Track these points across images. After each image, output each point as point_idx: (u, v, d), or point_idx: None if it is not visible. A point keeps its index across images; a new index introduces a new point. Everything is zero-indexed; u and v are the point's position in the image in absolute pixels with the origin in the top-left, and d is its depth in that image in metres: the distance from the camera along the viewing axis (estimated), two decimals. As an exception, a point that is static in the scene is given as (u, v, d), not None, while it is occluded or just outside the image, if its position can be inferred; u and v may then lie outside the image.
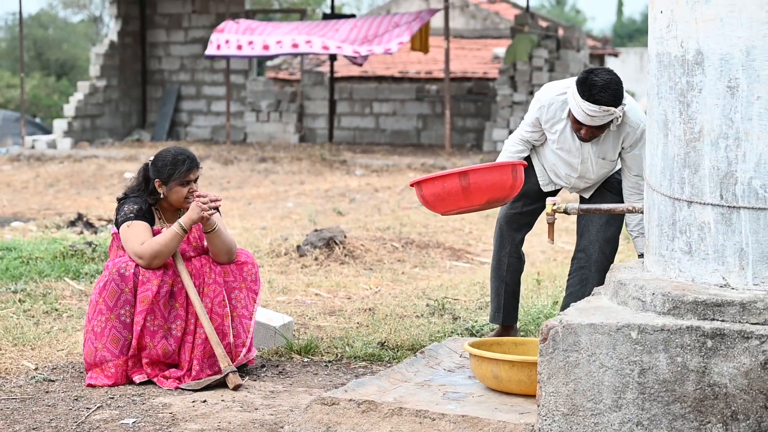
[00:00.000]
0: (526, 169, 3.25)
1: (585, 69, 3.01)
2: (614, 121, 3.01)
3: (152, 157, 3.17)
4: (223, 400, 2.89)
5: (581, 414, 2.21)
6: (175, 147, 3.19)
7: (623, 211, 2.79)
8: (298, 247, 5.30)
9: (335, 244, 5.27)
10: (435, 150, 12.16)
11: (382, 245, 5.52)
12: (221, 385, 3.01)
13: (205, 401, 2.88)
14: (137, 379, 3.05)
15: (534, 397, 2.47)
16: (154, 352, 3.05)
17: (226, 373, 3.00)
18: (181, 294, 3.09)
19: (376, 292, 4.54)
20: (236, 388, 2.99)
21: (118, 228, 3.13)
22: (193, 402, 2.88)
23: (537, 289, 4.50)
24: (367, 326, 3.81)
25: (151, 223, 3.13)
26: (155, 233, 3.10)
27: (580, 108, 2.97)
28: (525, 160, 3.26)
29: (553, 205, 2.75)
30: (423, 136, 13.43)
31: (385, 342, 3.53)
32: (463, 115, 13.27)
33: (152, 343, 3.04)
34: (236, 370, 3.04)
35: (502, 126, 11.96)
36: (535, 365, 2.49)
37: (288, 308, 4.16)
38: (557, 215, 2.78)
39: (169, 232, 3.06)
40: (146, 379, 3.06)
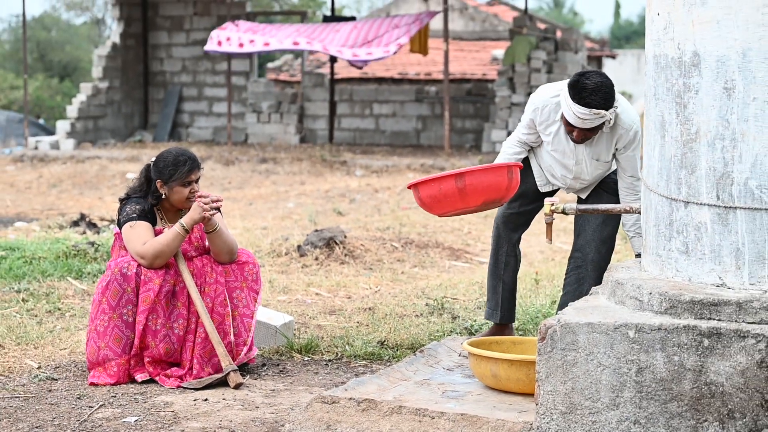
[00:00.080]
0: (523, 170, 3.28)
1: (577, 72, 3.03)
2: (606, 123, 3.03)
3: (154, 158, 3.19)
4: (224, 399, 2.91)
5: (579, 412, 2.23)
6: (176, 148, 3.21)
7: (621, 212, 2.81)
8: (299, 247, 5.32)
9: (335, 244, 5.29)
10: (434, 151, 12.18)
11: (381, 245, 5.54)
12: (222, 383, 3.03)
13: (206, 400, 2.90)
14: (139, 377, 3.07)
15: (532, 395, 2.49)
16: (156, 351, 3.07)
17: (227, 372, 3.02)
18: (182, 293, 3.11)
19: (375, 292, 4.56)
20: (237, 387, 3.01)
21: (120, 228, 3.15)
22: (195, 400, 2.89)
23: (535, 288, 4.51)
24: (367, 325, 3.83)
25: (153, 224, 3.15)
26: (157, 233, 3.12)
27: (571, 111, 2.99)
28: (523, 161, 3.29)
29: (552, 205, 2.77)
30: (422, 137, 13.45)
31: (384, 341, 3.55)
32: (462, 116, 13.29)
33: (154, 342, 3.06)
34: (237, 368, 3.06)
35: (501, 127, 11.98)
36: (534, 364, 2.51)
37: (288, 307, 4.18)
38: (555, 215, 2.80)
39: (170, 232, 3.08)
40: (148, 378, 3.07)
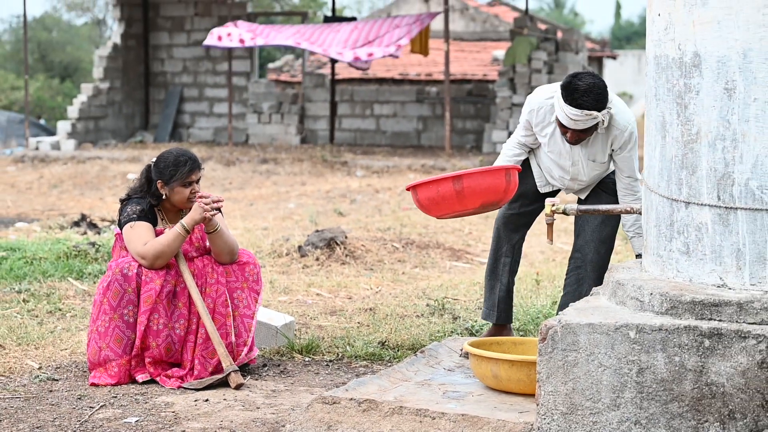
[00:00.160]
0: (523, 171, 3.28)
1: (570, 73, 3.03)
2: (600, 124, 3.03)
3: (154, 159, 3.19)
4: (225, 399, 2.91)
5: (580, 413, 2.23)
6: (177, 148, 3.21)
7: (622, 212, 2.81)
8: (300, 247, 5.33)
9: (336, 244, 5.29)
10: (435, 151, 12.18)
11: (382, 246, 5.55)
12: (223, 384, 3.03)
13: (207, 400, 2.90)
14: (140, 378, 3.07)
15: (533, 396, 2.49)
16: (157, 352, 3.07)
17: (228, 373, 3.02)
18: (183, 294, 3.11)
19: (376, 292, 4.56)
20: (238, 388, 3.01)
21: (121, 229, 3.15)
22: (196, 401, 2.90)
23: (536, 289, 4.52)
24: (368, 326, 3.83)
25: (154, 224, 3.15)
26: (158, 234, 3.12)
27: (563, 112, 3.00)
28: (523, 162, 3.30)
29: (552, 206, 2.77)
30: (423, 137, 13.46)
31: (385, 341, 3.55)
32: (462, 116, 13.29)
33: (155, 342, 3.06)
34: (238, 369, 3.06)
35: (502, 128, 11.98)
36: (534, 364, 2.51)
37: (289, 308, 4.18)
38: (556, 216, 2.80)
39: (171, 233, 3.08)
40: (149, 379, 3.07)
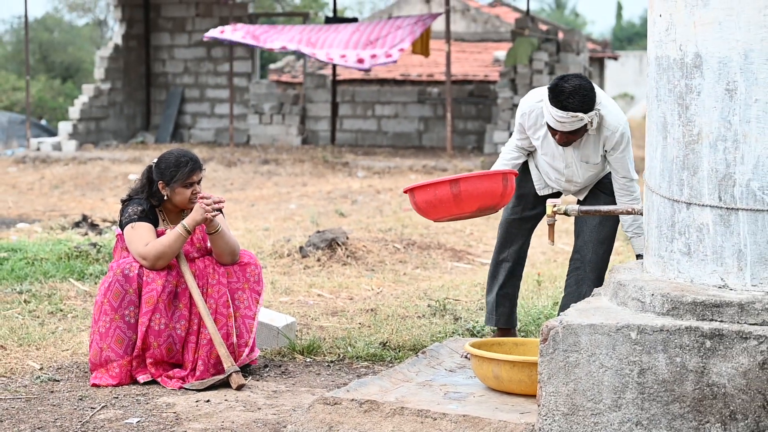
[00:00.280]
0: (523, 174, 3.29)
1: (557, 76, 3.04)
2: (589, 125, 3.02)
3: (156, 159, 3.20)
4: (226, 400, 2.91)
5: (581, 414, 2.23)
6: (178, 149, 3.21)
7: (623, 213, 2.81)
8: (301, 248, 5.33)
9: (337, 245, 5.29)
10: (436, 152, 12.18)
11: (383, 246, 5.55)
12: (224, 384, 3.03)
13: (208, 401, 2.90)
14: (141, 379, 3.07)
15: (534, 397, 2.49)
16: (158, 352, 3.07)
17: (229, 373, 3.03)
18: (184, 295, 3.11)
19: (377, 293, 4.57)
20: (239, 388, 3.01)
21: (122, 229, 3.15)
22: (197, 402, 2.90)
23: (537, 290, 4.52)
24: (369, 327, 3.83)
25: (155, 225, 3.15)
26: (159, 234, 3.12)
27: (550, 114, 3.01)
28: (522, 165, 3.30)
29: (553, 206, 2.77)
30: (424, 138, 13.46)
31: (386, 342, 3.55)
32: (464, 117, 13.29)
33: (157, 342, 3.06)
34: (239, 370, 3.06)
35: (503, 128, 11.98)
36: (536, 365, 2.51)
37: (291, 309, 4.18)
38: (558, 217, 2.80)
39: (172, 234, 3.08)
40: (150, 379, 3.08)
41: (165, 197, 3.17)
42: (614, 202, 3.21)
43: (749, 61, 2.22)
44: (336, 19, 13.02)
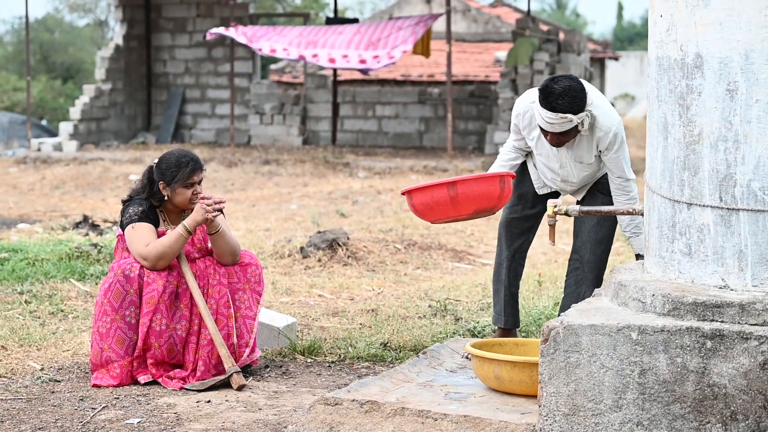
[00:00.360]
0: (522, 173, 3.29)
1: (548, 77, 3.04)
2: (580, 126, 3.03)
3: (156, 160, 3.20)
4: (227, 401, 2.91)
5: (582, 414, 2.23)
6: (179, 149, 3.21)
7: (623, 214, 2.81)
8: (302, 248, 5.33)
9: (338, 245, 5.30)
10: (437, 152, 12.19)
11: (384, 247, 5.55)
12: (225, 385, 3.04)
13: (209, 401, 2.91)
14: (142, 379, 3.07)
15: (535, 397, 2.49)
16: (159, 353, 3.07)
17: (230, 374, 3.03)
18: (185, 295, 3.11)
19: (378, 294, 4.57)
20: (240, 389, 3.02)
21: (123, 230, 3.16)
22: (198, 402, 2.90)
23: (538, 290, 4.52)
24: (370, 327, 3.84)
25: (156, 225, 3.15)
26: (160, 235, 3.13)
27: (539, 115, 3.02)
28: (521, 164, 3.31)
29: (554, 207, 2.77)
30: (425, 138, 13.46)
31: (387, 343, 3.55)
32: (464, 117, 13.29)
33: (158, 342, 3.06)
34: (240, 370, 3.06)
35: (504, 129, 11.97)
36: (537, 366, 2.51)
37: (291, 309, 4.18)
38: (558, 217, 2.80)
39: (173, 234, 3.08)
40: (151, 380, 3.08)
41: (166, 197, 3.17)
42: (612, 202, 3.21)
43: (750, 61, 2.22)
44: (337, 19, 13.02)
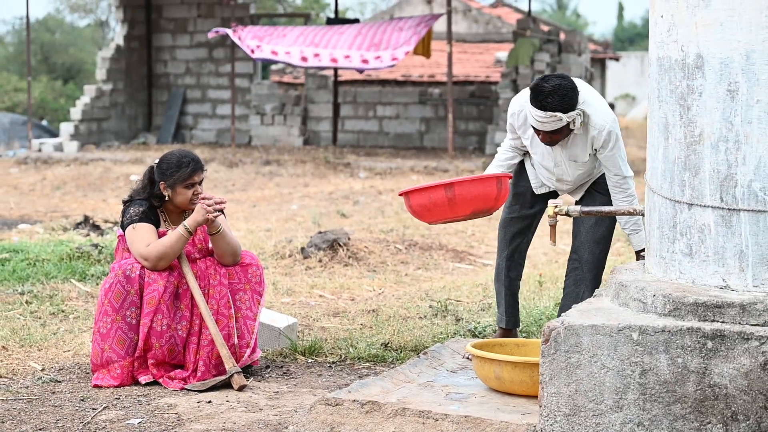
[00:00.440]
0: (520, 172, 3.30)
1: (540, 76, 3.04)
2: (572, 124, 3.03)
3: (157, 160, 3.20)
4: (227, 401, 2.91)
5: (583, 414, 2.23)
6: (180, 150, 3.21)
7: (624, 214, 2.81)
8: (303, 249, 5.33)
9: (339, 246, 5.30)
10: (438, 153, 12.19)
11: (385, 247, 5.55)
12: (226, 385, 3.04)
13: (210, 402, 2.91)
14: (143, 379, 3.08)
15: (536, 397, 2.49)
16: (160, 353, 3.07)
17: (230, 374, 3.03)
18: (186, 295, 3.11)
19: (379, 294, 4.57)
20: (241, 389, 3.02)
21: (123, 230, 3.16)
22: (198, 402, 2.90)
23: (539, 290, 4.52)
24: (371, 327, 3.84)
25: (157, 226, 3.16)
26: (161, 235, 3.13)
27: (530, 113, 3.03)
28: (519, 164, 3.32)
29: (555, 207, 2.77)
30: (426, 139, 13.47)
31: (388, 343, 3.55)
32: (465, 118, 13.30)
33: (159, 343, 3.06)
34: (241, 371, 3.06)
35: (504, 129, 11.97)
36: (537, 366, 2.51)
37: (292, 309, 4.18)
38: (559, 218, 2.80)
39: (174, 234, 3.09)
40: (152, 380, 3.08)
41: (166, 198, 3.17)
42: (610, 202, 3.22)
43: (751, 61, 2.22)
44: (337, 20, 13.03)
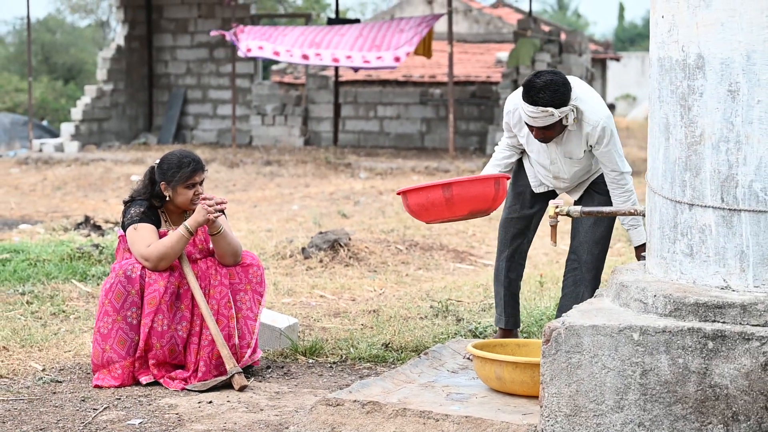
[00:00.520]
0: (519, 172, 3.30)
1: (533, 72, 3.05)
2: (565, 120, 3.03)
3: (158, 160, 3.20)
4: (228, 401, 2.92)
5: (584, 415, 2.23)
6: (180, 150, 3.22)
7: (625, 214, 2.81)
8: (303, 249, 5.33)
9: (340, 246, 5.30)
10: (439, 153, 12.19)
11: (386, 247, 5.55)
12: (227, 386, 3.04)
13: (210, 402, 2.91)
14: (144, 380, 3.08)
15: (537, 398, 2.49)
16: (161, 353, 3.07)
17: (231, 375, 3.03)
18: (186, 296, 3.11)
19: (380, 294, 4.57)
20: (242, 389, 3.02)
21: (124, 230, 3.16)
22: (199, 403, 2.90)
23: (539, 291, 4.52)
24: (372, 328, 3.84)
25: (158, 226, 3.16)
26: (161, 235, 3.13)
27: (522, 109, 3.04)
28: (518, 163, 3.32)
29: (556, 207, 2.77)
30: (427, 139, 13.47)
31: (389, 343, 3.55)
32: (466, 118, 13.29)
33: (159, 343, 3.06)
34: (242, 371, 3.06)
35: (506, 129, 11.97)
36: (538, 366, 2.51)
37: (293, 310, 4.18)
38: (560, 218, 2.80)
39: (175, 235, 3.09)
40: (152, 380, 3.08)
41: (167, 198, 3.17)
42: (609, 203, 3.22)
43: (752, 62, 2.22)
44: (338, 20, 13.03)
